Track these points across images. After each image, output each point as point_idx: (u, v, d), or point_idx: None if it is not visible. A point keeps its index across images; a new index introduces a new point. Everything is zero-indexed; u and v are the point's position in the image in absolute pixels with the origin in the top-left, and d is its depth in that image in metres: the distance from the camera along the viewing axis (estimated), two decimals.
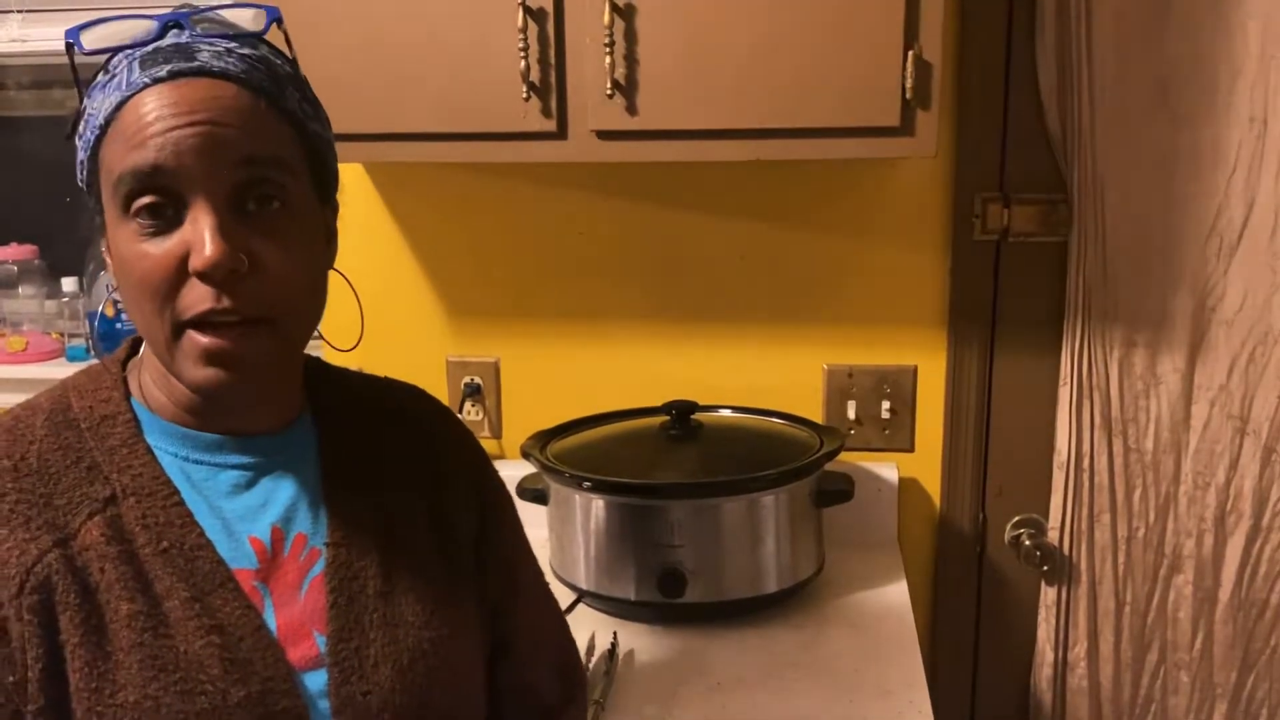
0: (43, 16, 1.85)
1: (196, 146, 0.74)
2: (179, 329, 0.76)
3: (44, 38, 1.86)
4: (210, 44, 0.78)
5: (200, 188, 0.74)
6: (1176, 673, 1.63)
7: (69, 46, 0.79)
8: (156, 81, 0.75)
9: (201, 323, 0.75)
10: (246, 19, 0.82)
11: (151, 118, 0.74)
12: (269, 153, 0.77)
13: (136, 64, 0.76)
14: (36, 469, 0.79)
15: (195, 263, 0.73)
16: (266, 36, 0.82)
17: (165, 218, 0.75)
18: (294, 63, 0.84)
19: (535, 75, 1.30)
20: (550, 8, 1.29)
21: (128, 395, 0.85)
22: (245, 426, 0.85)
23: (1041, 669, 1.67)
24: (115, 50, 0.79)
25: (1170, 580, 1.61)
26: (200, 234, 0.73)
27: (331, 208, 0.87)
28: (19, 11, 1.85)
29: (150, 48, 0.77)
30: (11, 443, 0.80)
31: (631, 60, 1.28)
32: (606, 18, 1.26)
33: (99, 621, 0.76)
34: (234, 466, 0.84)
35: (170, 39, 0.78)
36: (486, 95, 1.32)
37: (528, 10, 1.28)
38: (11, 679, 0.74)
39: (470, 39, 1.31)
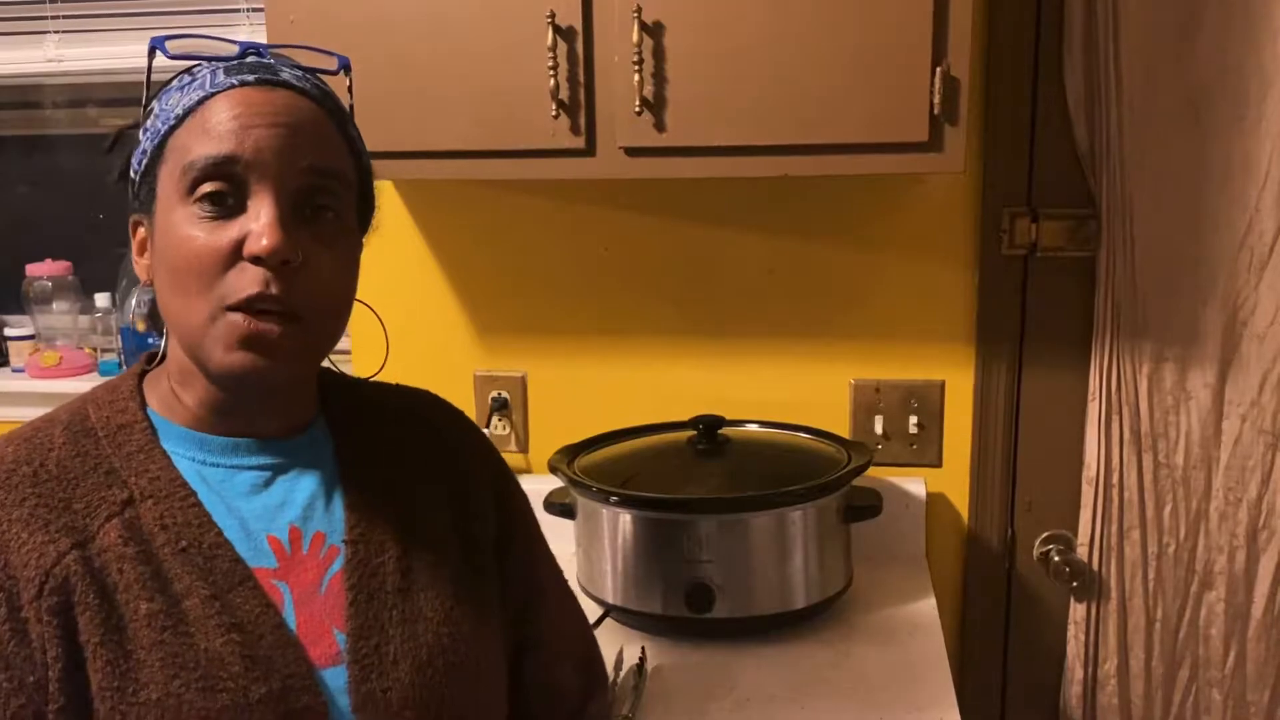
0: (78, 37, 1.89)
1: (273, 145, 0.79)
2: (218, 312, 0.78)
3: (79, 58, 1.89)
4: (290, 68, 0.84)
5: (269, 182, 0.79)
6: (1209, 690, 1.61)
7: (151, 51, 0.85)
8: (243, 85, 0.81)
9: (244, 308, 0.78)
10: (318, 62, 0.88)
11: (235, 113, 0.79)
12: (335, 167, 0.83)
13: (221, 71, 0.82)
14: (55, 474, 0.81)
15: (253, 246, 0.77)
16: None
17: (226, 206, 0.79)
18: (351, 108, 0.89)
19: (564, 93, 1.31)
20: (579, 26, 1.30)
21: (144, 405, 0.87)
22: (260, 431, 0.87)
23: (1071, 686, 1.65)
24: (196, 59, 0.84)
25: (1201, 597, 1.59)
26: (262, 221, 0.78)
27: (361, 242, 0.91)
28: (55, 32, 1.88)
29: (235, 61, 0.83)
30: (31, 451, 0.83)
31: (660, 78, 1.29)
32: (635, 36, 1.27)
33: (119, 621, 0.77)
34: (250, 468, 0.86)
35: (251, 60, 0.84)
36: (516, 112, 1.33)
37: (557, 29, 1.29)
38: (32, 678, 0.76)
39: (500, 57, 1.32)
